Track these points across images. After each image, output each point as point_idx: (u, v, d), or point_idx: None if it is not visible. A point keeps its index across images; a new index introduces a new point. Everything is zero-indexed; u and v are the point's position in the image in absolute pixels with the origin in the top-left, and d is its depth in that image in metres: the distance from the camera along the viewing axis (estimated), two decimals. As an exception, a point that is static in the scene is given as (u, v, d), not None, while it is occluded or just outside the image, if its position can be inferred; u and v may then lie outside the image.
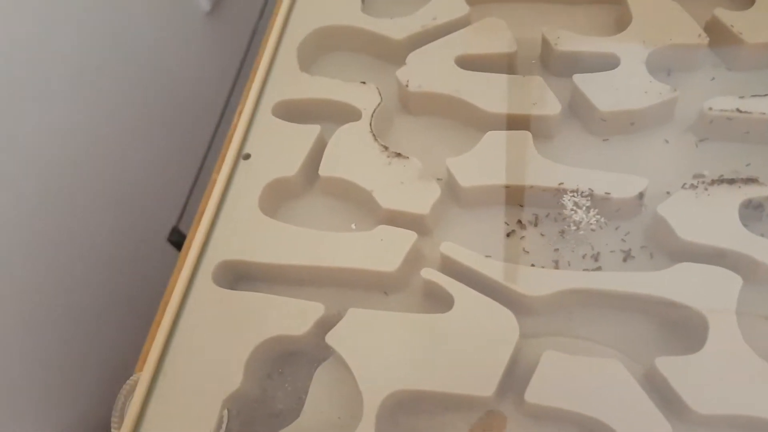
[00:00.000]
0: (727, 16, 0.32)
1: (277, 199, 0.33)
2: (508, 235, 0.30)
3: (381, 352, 0.26)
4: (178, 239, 0.59)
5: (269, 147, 0.33)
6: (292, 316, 0.28)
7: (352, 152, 0.32)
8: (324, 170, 0.32)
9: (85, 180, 0.45)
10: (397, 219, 0.30)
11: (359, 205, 0.32)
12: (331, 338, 0.27)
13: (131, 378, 0.27)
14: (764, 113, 0.29)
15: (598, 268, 0.29)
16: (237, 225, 0.31)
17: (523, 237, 0.30)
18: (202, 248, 0.30)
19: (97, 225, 0.48)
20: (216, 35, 0.63)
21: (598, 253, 0.29)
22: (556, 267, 0.29)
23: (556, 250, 0.30)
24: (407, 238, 0.29)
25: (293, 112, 0.34)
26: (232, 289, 0.30)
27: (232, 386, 0.27)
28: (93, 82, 0.45)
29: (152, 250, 0.56)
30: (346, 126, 0.33)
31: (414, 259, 0.29)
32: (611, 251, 0.29)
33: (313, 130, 0.33)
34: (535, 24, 0.35)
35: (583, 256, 0.29)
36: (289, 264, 0.29)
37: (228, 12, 0.64)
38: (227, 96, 0.67)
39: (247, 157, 0.33)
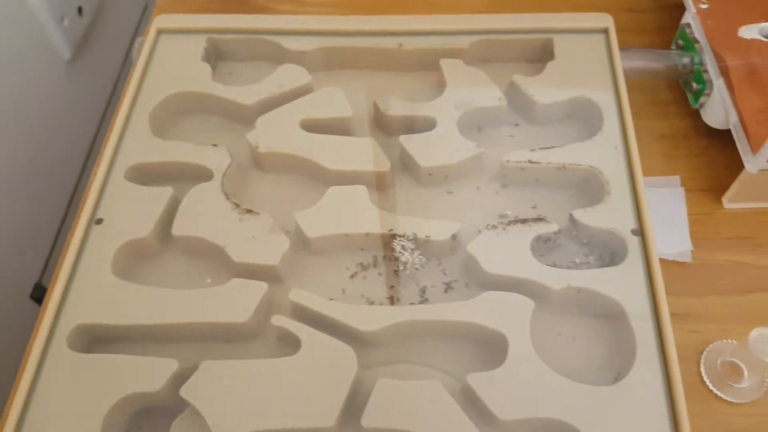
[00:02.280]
0: (522, 81, 0.39)
1: (132, 260, 0.34)
2: (351, 276, 0.34)
3: (234, 398, 0.29)
4: (41, 296, 0.58)
5: (122, 210, 0.34)
6: (146, 373, 0.29)
7: (205, 211, 0.34)
8: (177, 230, 0.34)
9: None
10: (250, 271, 0.33)
11: (214, 261, 0.34)
12: (185, 391, 0.29)
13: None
14: (550, 163, 0.36)
15: (425, 301, 0.33)
16: (91, 288, 0.32)
17: (364, 278, 0.34)
18: (57, 313, 0.31)
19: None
20: (78, 84, 0.63)
21: (425, 287, 0.34)
22: (392, 302, 0.33)
23: (392, 287, 0.34)
24: (258, 289, 0.32)
25: (146, 175, 0.36)
26: (89, 351, 0.31)
27: (90, 446, 0.28)
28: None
29: (14, 306, 0.54)
30: (199, 186, 0.35)
31: (266, 308, 0.32)
32: (434, 285, 0.34)
33: (165, 192, 0.35)
34: (369, 90, 0.40)
35: (414, 291, 0.34)
36: (145, 324, 0.31)
37: (90, 60, 0.64)
38: (89, 146, 0.66)
39: (100, 221, 0.34)
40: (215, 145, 0.37)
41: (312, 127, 0.38)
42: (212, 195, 0.35)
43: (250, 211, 0.34)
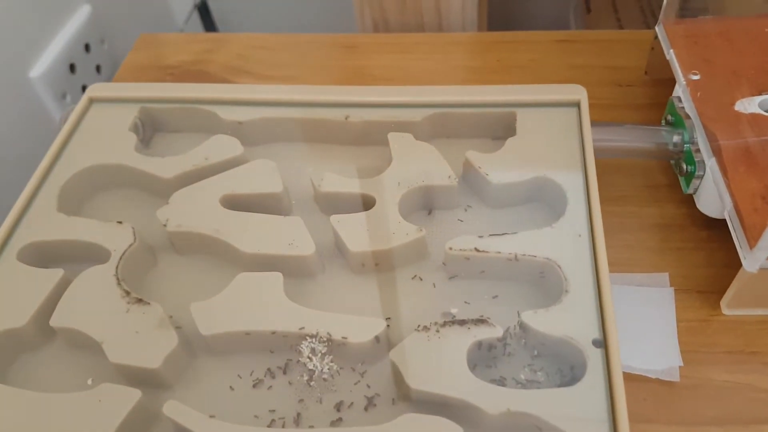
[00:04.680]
0: (477, 158, 0.34)
1: (9, 353, 0.29)
2: (255, 385, 0.28)
3: None
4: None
5: (1, 295, 0.30)
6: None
7: (91, 299, 0.30)
8: (56, 320, 0.29)
9: None
10: (127, 374, 0.28)
11: (96, 359, 0.29)
12: None
13: None
14: (500, 252, 0.30)
15: (339, 420, 0.27)
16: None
17: (270, 387, 0.28)
18: None
19: None
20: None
21: (341, 402, 0.27)
22: (297, 421, 0.27)
23: (301, 401, 0.28)
24: (129, 397, 0.26)
25: (42, 255, 0.32)
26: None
27: None
28: None
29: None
30: (91, 269, 0.31)
31: (140, 421, 0.27)
32: (354, 400, 0.27)
33: (54, 275, 0.31)
34: (312, 165, 0.36)
35: (328, 407, 0.27)
36: (-10, 434, 0.26)
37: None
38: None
39: (-25, 308, 0.30)
40: (120, 223, 0.33)
41: (235, 203, 0.33)
42: (103, 279, 0.30)
43: (140, 301, 0.29)
